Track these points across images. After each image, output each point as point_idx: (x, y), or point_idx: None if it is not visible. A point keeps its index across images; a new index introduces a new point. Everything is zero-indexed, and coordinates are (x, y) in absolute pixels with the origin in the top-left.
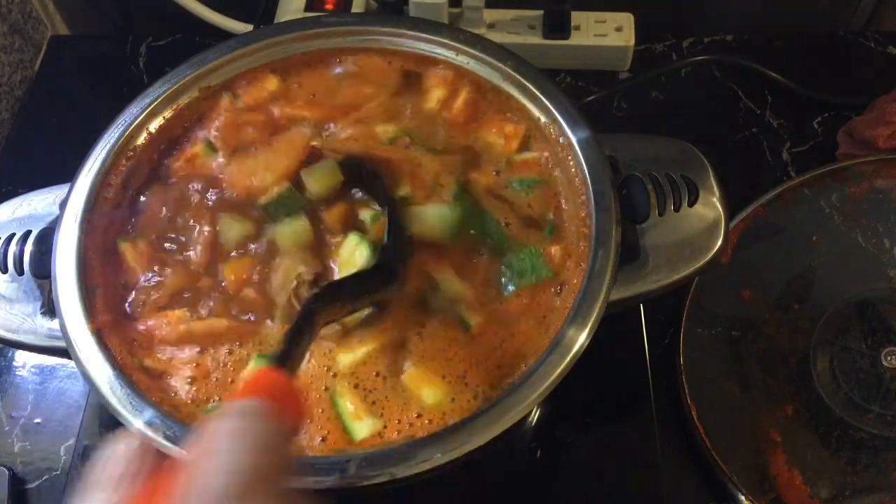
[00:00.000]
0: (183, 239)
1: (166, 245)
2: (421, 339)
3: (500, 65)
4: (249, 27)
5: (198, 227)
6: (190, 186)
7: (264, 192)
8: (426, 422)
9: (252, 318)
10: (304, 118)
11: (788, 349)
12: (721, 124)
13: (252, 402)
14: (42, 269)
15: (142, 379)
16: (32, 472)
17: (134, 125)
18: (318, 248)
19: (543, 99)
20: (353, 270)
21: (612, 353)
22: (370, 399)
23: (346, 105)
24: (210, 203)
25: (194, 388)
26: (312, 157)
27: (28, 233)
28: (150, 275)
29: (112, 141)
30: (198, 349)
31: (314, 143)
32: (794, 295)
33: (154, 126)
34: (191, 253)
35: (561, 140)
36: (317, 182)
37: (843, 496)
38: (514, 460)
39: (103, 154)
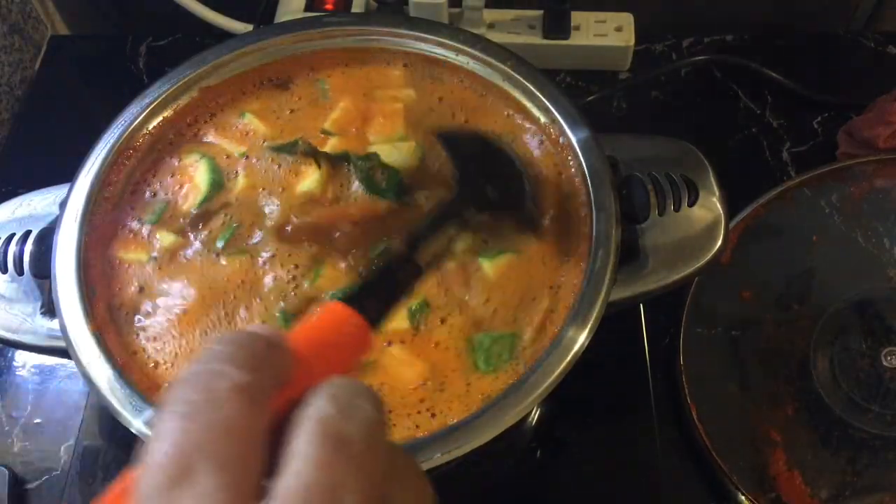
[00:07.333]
0: None
1: None
2: None
3: (500, 65)
4: (249, 27)
5: None
6: None
7: None
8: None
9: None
10: None
11: (788, 349)
12: (721, 124)
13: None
14: (42, 269)
15: (142, 379)
16: (32, 472)
17: (134, 125)
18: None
19: (543, 99)
20: None
21: (612, 353)
22: None
23: None
24: None
25: None
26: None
27: (28, 233)
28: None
29: (112, 141)
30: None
31: None
32: (794, 295)
33: (154, 126)
34: None
35: (561, 140)
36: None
37: (843, 496)
38: (514, 460)
39: (103, 154)
